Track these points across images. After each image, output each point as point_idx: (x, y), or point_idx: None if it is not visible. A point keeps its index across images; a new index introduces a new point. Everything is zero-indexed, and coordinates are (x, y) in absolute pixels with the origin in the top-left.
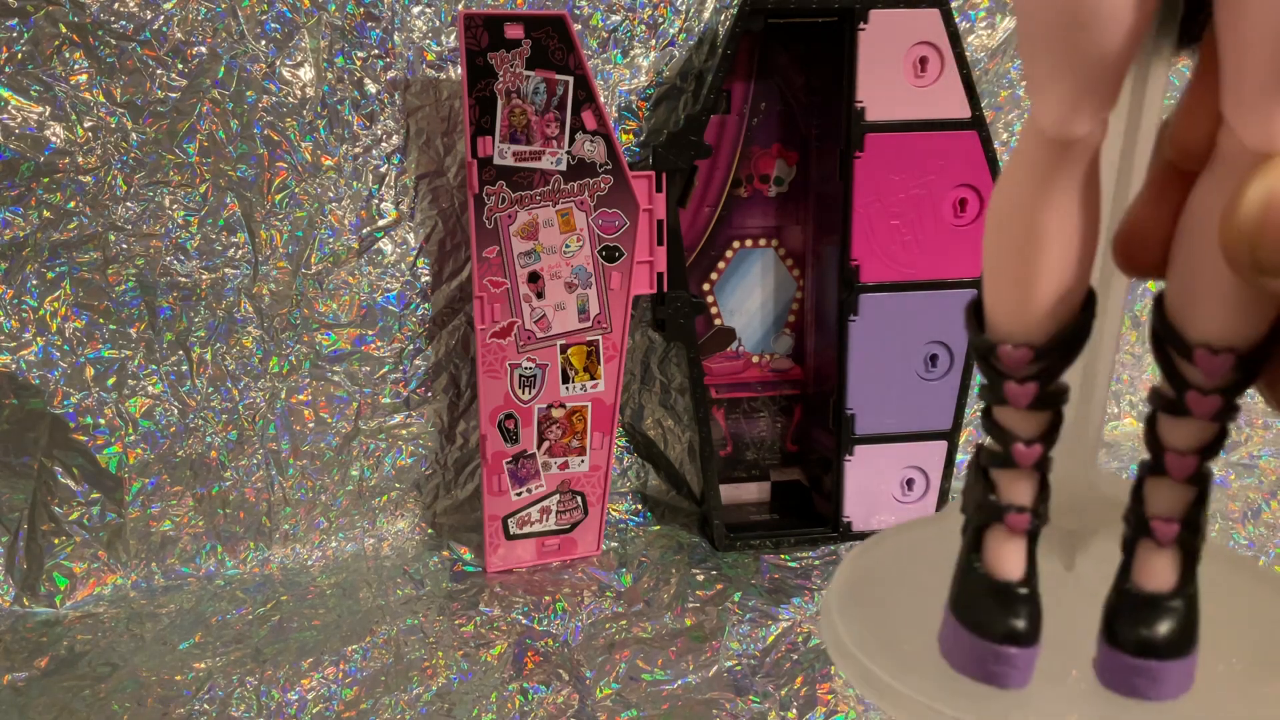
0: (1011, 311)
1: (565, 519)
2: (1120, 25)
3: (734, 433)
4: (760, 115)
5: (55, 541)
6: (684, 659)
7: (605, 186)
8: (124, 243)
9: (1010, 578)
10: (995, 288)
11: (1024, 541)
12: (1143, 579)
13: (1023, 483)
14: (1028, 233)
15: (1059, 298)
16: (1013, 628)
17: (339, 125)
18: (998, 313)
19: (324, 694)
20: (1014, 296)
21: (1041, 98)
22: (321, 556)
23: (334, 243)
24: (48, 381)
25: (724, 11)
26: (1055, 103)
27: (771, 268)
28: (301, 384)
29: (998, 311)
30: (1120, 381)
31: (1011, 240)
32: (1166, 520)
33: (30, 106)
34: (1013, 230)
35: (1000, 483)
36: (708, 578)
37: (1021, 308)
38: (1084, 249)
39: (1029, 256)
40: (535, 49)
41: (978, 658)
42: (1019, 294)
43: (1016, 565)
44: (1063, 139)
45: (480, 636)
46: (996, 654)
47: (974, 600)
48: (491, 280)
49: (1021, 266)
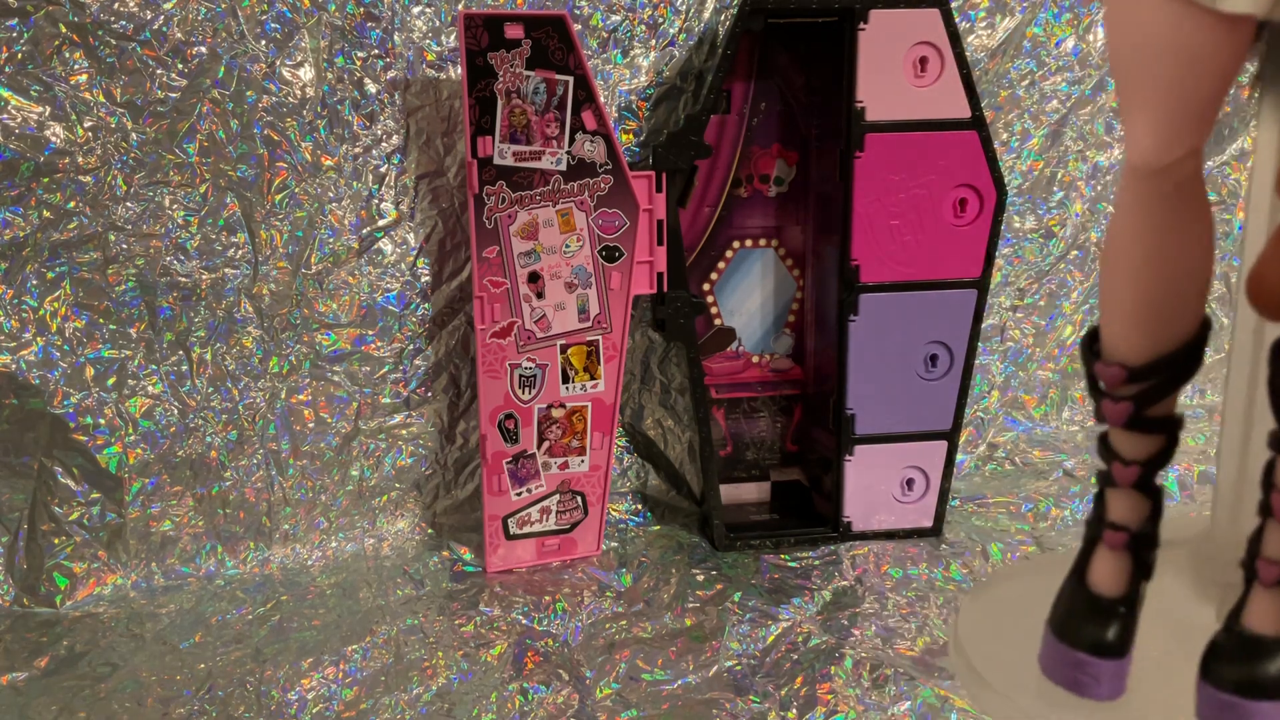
0: (1114, 333)
1: (565, 519)
2: (1210, 63)
3: (734, 433)
4: (760, 115)
5: (55, 541)
6: (684, 659)
7: (605, 186)
8: (124, 243)
9: (1105, 592)
10: (1102, 310)
11: (1125, 559)
12: (1253, 621)
13: (1125, 502)
14: (1124, 257)
15: (1158, 320)
16: (1099, 638)
17: (339, 125)
18: (1104, 334)
19: (324, 694)
20: (1114, 317)
21: (1131, 127)
22: (321, 556)
23: (334, 243)
24: (48, 381)
25: (724, 11)
26: (1144, 133)
27: (771, 268)
28: (301, 384)
29: (1104, 333)
30: None
31: (1112, 264)
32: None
33: (30, 106)
34: (1113, 255)
35: (1108, 501)
36: (708, 578)
37: (1122, 328)
38: (1186, 277)
39: (1126, 279)
40: (535, 49)
41: (1065, 666)
42: (1118, 314)
43: (1113, 581)
44: (1150, 168)
45: (480, 636)
46: (1081, 663)
47: (1069, 611)
48: (491, 280)
49: (1119, 289)
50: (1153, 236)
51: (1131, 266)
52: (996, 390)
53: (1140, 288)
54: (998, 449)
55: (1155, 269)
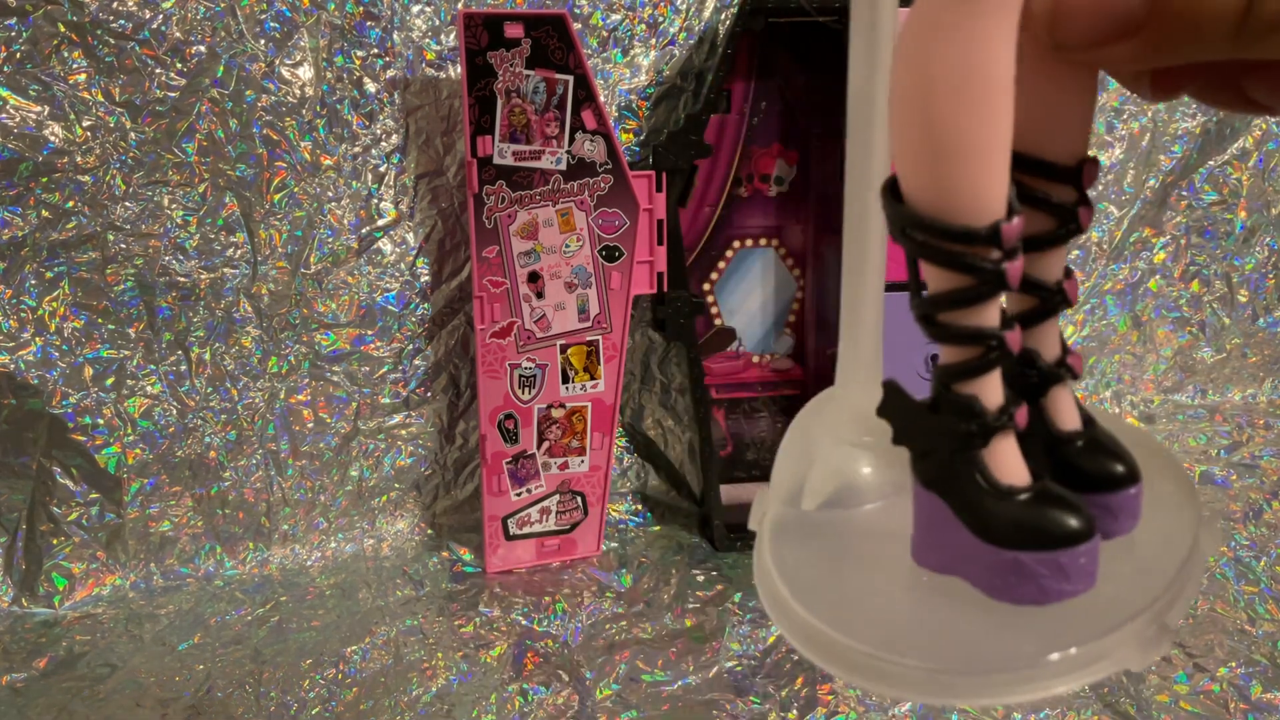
0: (995, 181)
1: (565, 519)
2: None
3: (734, 433)
4: (761, 114)
5: (54, 542)
6: (684, 660)
7: (605, 186)
8: (123, 242)
9: (1028, 480)
10: (965, 158)
11: (1014, 440)
12: (1065, 422)
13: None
14: (985, 85)
15: None
16: (1072, 526)
17: (338, 125)
18: (976, 188)
19: (324, 694)
20: (989, 164)
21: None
22: (321, 557)
23: (333, 242)
24: (46, 381)
25: (724, 11)
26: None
27: (772, 267)
28: (301, 384)
29: (977, 186)
30: (1122, 381)
31: (969, 95)
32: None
33: (29, 106)
34: (967, 85)
35: (983, 392)
36: (708, 578)
37: (998, 173)
38: None
39: (995, 110)
40: (535, 48)
41: (1053, 572)
42: (991, 160)
43: (1023, 467)
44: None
45: (480, 637)
46: (1074, 557)
47: (1013, 519)
48: (491, 280)
49: (990, 124)
50: (1008, 45)
51: (995, 88)
52: None
53: (1006, 114)
54: None
55: (1009, 82)
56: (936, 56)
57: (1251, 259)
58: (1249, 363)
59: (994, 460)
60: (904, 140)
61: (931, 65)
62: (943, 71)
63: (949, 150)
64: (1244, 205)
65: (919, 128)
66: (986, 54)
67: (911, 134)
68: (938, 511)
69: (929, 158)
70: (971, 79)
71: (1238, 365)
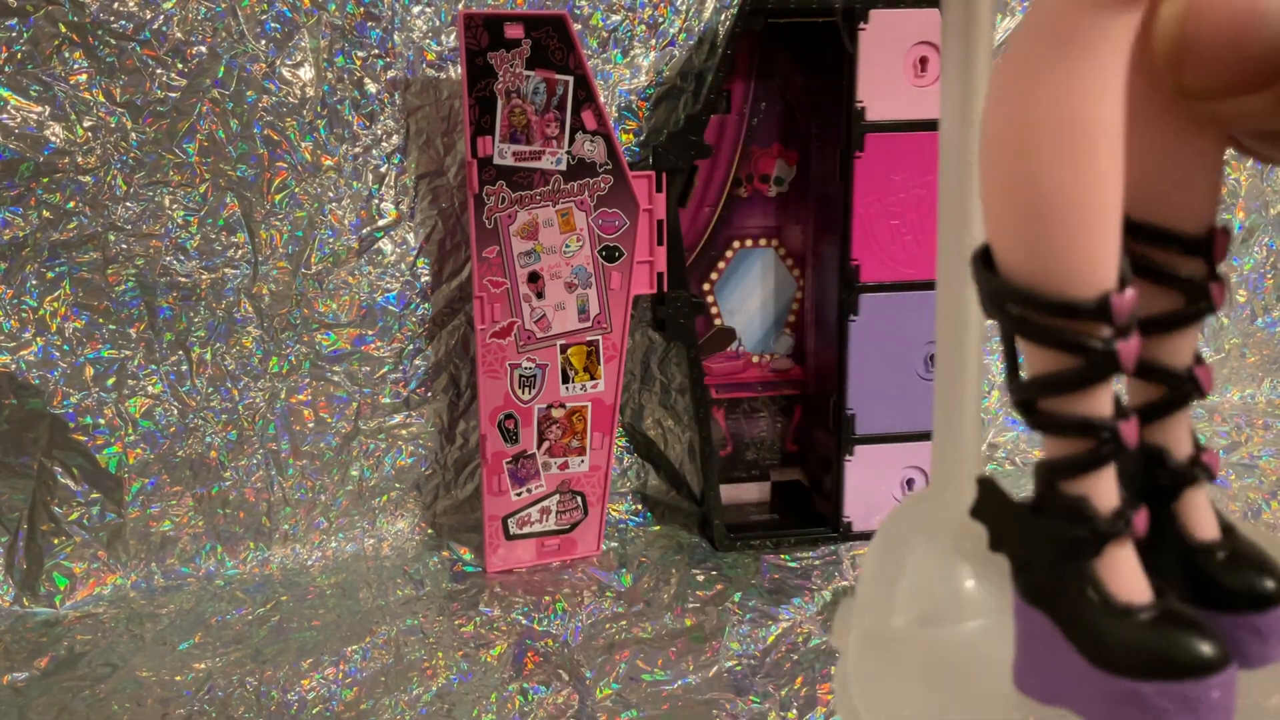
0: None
1: (565, 519)
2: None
3: (734, 433)
4: (760, 115)
5: (55, 542)
6: (684, 659)
7: (605, 186)
8: (124, 243)
9: (1150, 596)
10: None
11: (1133, 549)
12: (1201, 530)
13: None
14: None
15: None
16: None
17: (339, 125)
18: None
19: (324, 694)
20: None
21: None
22: (321, 557)
23: (334, 243)
24: (47, 381)
25: (724, 11)
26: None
27: (771, 268)
28: (301, 384)
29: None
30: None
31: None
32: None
33: (30, 106)
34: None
35: (1094, 493)
36: (708, 578)
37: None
38: None
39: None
40: (535, 49)
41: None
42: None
43: (1144, 581)
44: None
45: (480, 637)
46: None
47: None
48: (491, 280)
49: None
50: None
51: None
52: (997, 390)
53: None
54: (998, 449)
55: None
56: (1031, 101)
57: (1250, 259)
58: (1247, 363)
59: (1108, 573)
60: (995, 198)
61: (1026, 111)
62: (1039, 118)
63: (1048, 208)
64: (1242, 205)
65: (1012, 183)
66: (1090, 96)
67: (1004, 191)
68: (1043, 631)
69: (1024, 218)
70: (1073, 126)
71: (1236, 365)
